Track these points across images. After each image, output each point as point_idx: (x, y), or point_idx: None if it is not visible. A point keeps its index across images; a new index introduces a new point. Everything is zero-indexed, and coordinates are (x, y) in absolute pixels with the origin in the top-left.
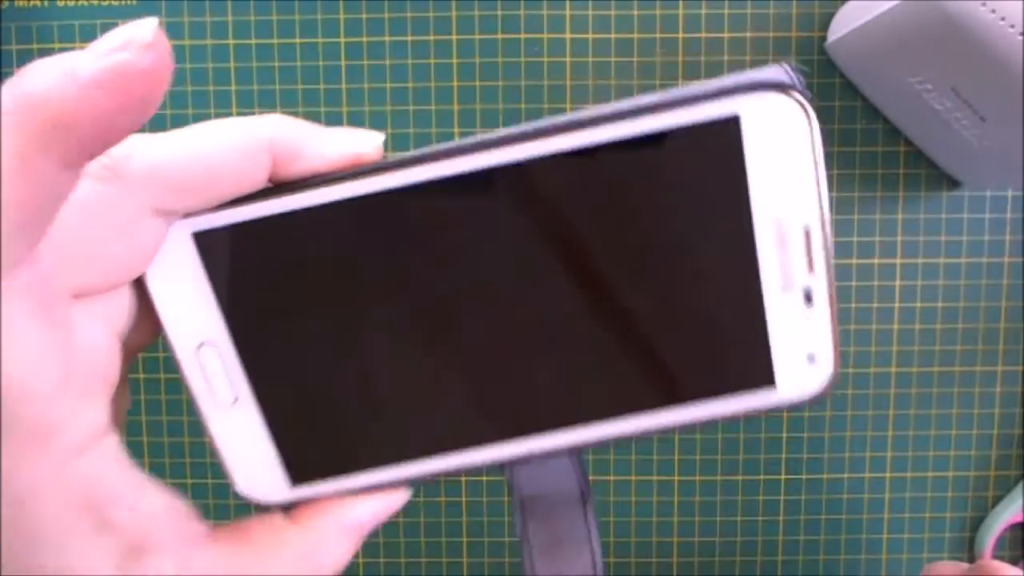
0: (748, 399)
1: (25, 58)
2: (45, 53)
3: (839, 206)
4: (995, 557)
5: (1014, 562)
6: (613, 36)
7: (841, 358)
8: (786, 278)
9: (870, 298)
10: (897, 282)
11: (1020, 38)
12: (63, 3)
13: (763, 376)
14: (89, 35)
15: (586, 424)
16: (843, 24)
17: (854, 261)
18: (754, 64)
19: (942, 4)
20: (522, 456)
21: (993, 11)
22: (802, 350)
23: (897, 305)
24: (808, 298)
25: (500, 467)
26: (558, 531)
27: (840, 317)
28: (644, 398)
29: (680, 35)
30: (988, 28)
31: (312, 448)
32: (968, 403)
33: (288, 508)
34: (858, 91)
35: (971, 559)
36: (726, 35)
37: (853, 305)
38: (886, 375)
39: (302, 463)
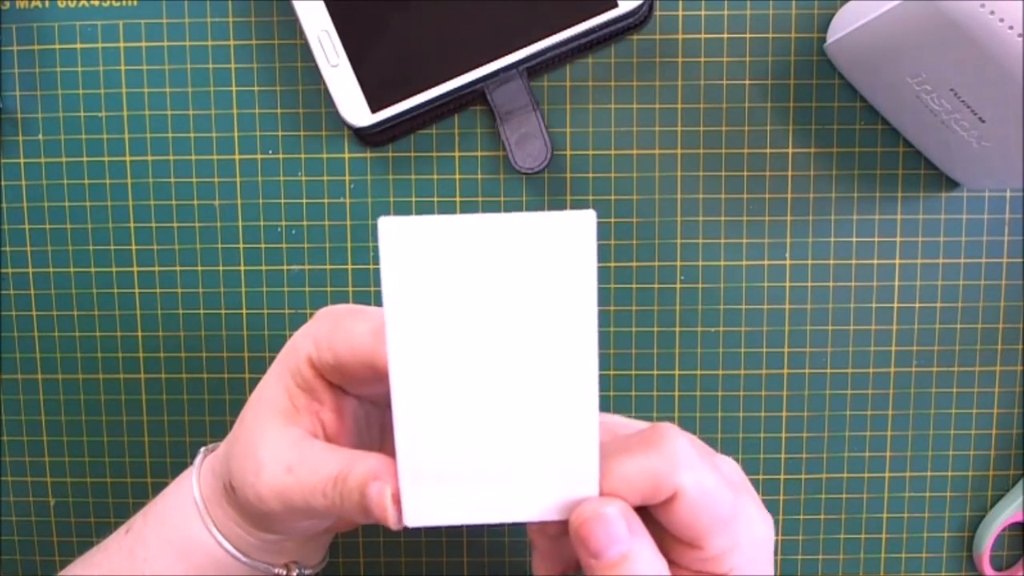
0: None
1: (25, 58)
2: (45, 54)
3: (839, 206)
4: (994, 557)
5: (1014, 562)
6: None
7: None
8: None
9: (870, 298)
10: (896, 282)
11: (1019, 39)
12: (63, 4)
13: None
14: (89, 36)
15: (522, 48)
16: (842, 25)
17: (854, 261)
18: (753, 63)
19: (941, 5)
20: (494, 72)
21: (992, 12)
22: None
23: (896, 305)
24: None
25: (483, 95)
26: (522, 128)
27: (840, 317)
28: (550, 27)
29: (680, 36)
30: (987, 29)
31: (380, 90)
32: (967, 403)
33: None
34: (857, 92)
35: (970, 559)
36: (726, 36)
37: (853, 305)
38: (885, 375)
39: (377, 98)
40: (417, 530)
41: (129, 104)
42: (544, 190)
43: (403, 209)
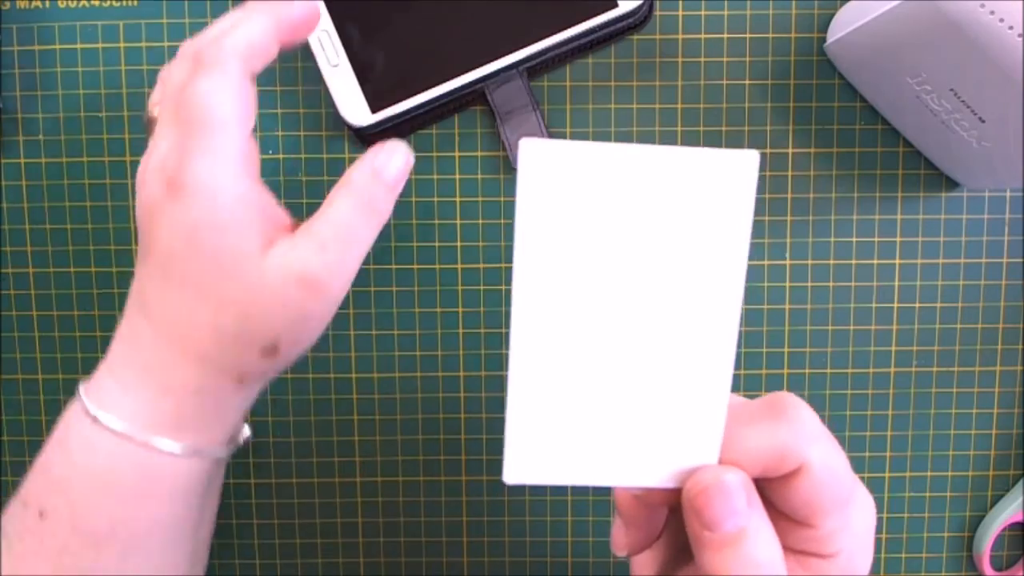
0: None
1: (25, 58)
2: (46, 54)
3: (839, 206)
4: (994, 556)
5: (1014, 562)
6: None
7: None
8: None
9: (870, 298)
10: (896, 282)
11: (1019, 39)
12: (64, 4)
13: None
14: (90, 36)
15: (522, 48)
16: (842, 25)
17: (854, 261)
18: (753, 63)
19: (941, 5)
20: (494, 72)
21: (992, 12)
22: None
23: (896, 305)
24: None
25: (483, 95)
26: (522, 128)
27: (840, 317)
28: (550, 27)
29: (680, 36)
30: (987, 29)
31: (380, 90)
32: (967, 403)
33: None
34: (857, 92)
35: (970, 559)
36: (726, 36)
37: (853, 305)
38: (885, 375)
39: (377, 97)
40: (417, 530)
41: (129, 104)
42: None
43: (403, 209)
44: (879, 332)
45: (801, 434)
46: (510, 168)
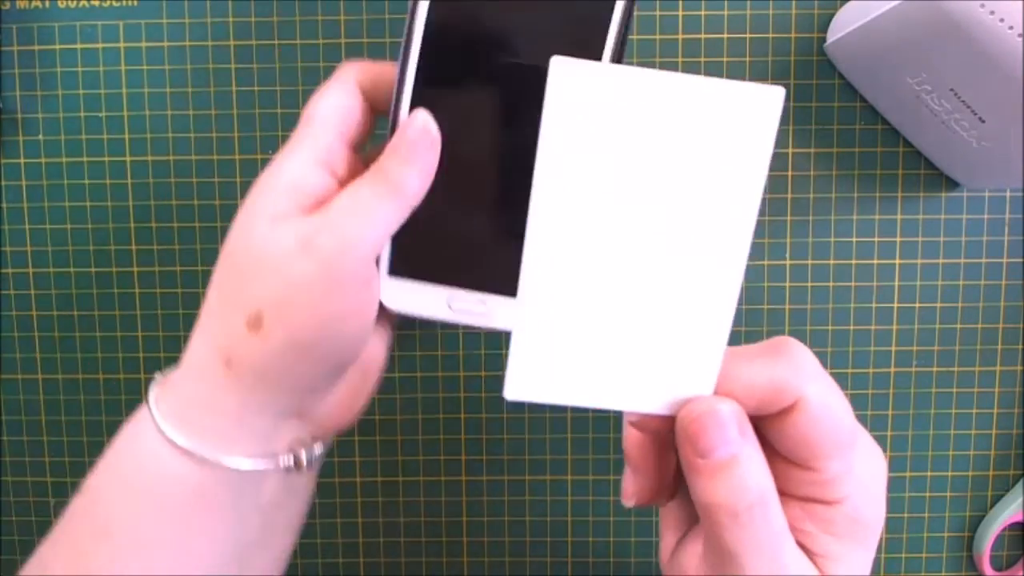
0: None
1: (25, 58)
2: (45, 54)
3: (839, 206)
4: (994, 557)
5: (1014, 562)
6: None
7: None
8: None
9: (870, 298)
10: (896, 282)
11: (1019, 39)
12: (63, 4)
13: None
14: (89, 36)
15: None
16: (842, 25)
17: (854, 261)
18: (753, 63)
19: (941, 5)
20: None
21: (992, 12)
22: None
23: (896, 305)
24: None
25: None
26: None
27: (840, 317)
28: None
29: (680, 36)
30: (987, 29)
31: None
32: (967, 403)
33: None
34: (857, 92)
35: (970, 559)
36: (726, 36)
37: (853, 305)
38: (885, 375)
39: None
40: (417, 530)
41: (129, 104)
42: None
43: None
44: (879, 332)
45: (799, 371)
46: None
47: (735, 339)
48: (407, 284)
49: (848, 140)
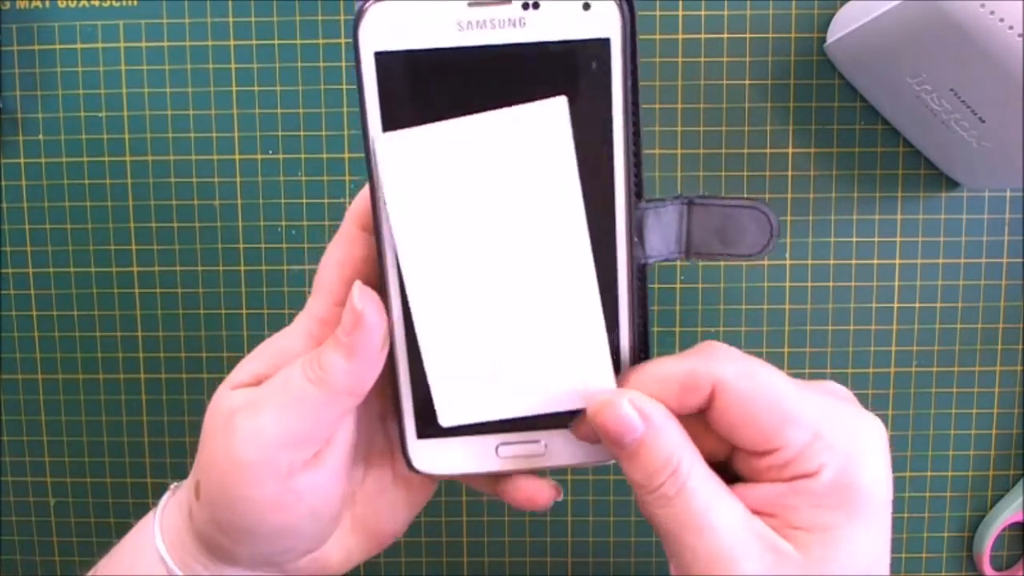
0: None
1: (25, 58)
2: (45, 54)
3: (839, 206)
4: (994, 557)
5: (1014, 562)
6: None
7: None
8: None
9: (870, 298)
10: (896, 282)
11: (1019, 39)
12: (63, 4)
13: None
14: (90, 36)
15: None
16: (842, 25)
17: (854, 261)
18: (753, 63)
19: (941, 5)
20: None
21: (992, 12)
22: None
23: (896, 305)
24: None
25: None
26: None
27: (840, 317)
28: None
29: (680, 36)
30: (987, 29)
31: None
32: (967, 403)
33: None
34: (857, 92)
35: (970, 559)
36: (726, 36)
37: (853, 305)
38: (885, 375)
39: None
40: (417, 530)
41: (129, 104)
42: None
43: None
44: (879, 332)
45: (709, 357)
46: None
47: (736, 339)
48: (442, 443)
49: (848, 140)
